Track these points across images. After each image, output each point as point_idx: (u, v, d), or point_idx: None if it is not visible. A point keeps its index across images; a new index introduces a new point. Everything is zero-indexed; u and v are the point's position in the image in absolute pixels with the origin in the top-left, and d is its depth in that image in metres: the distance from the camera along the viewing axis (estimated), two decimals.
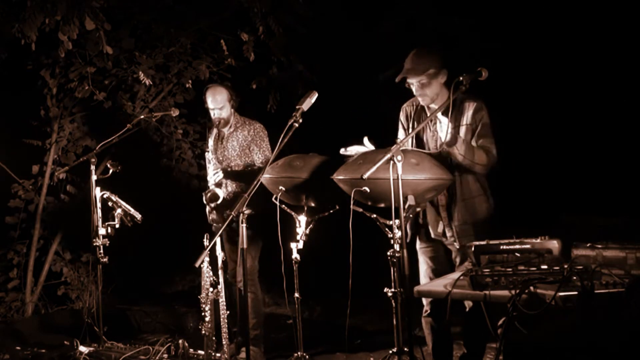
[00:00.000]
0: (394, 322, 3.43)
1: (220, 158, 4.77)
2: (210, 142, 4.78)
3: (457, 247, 3.68)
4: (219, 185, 4.64)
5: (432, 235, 3.79)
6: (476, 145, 3.62)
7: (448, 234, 3.71)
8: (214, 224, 4.71)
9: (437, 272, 3.75)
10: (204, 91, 4.78)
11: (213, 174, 4.69)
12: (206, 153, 4.89)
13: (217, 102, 4.67)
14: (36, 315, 5.79)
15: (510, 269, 2.85)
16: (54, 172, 5.82)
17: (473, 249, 3.03)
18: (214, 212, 4.65)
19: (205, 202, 4.60)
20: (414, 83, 3.68)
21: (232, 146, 4.74)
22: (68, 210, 5.94)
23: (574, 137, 5.41)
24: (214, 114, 4.70)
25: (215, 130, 4.78)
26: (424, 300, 3.85)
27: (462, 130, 3.64)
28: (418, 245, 3.88)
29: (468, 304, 3.74)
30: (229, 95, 4.71)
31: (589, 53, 5.30)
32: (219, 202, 4.52)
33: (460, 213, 3.67)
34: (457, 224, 3.67)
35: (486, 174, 3.71)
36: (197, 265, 3.49)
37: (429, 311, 3.83)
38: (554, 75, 5.44)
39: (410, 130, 3.85)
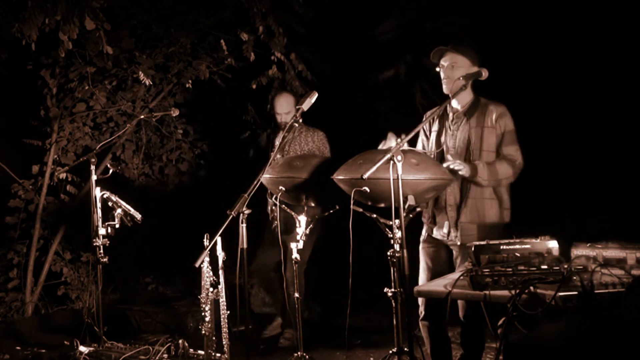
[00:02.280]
0: (394, 322, 3.43)
1: None
2: (277, 143, 5.00)
3: (458, 243, 3.68)
4: None
5: (436, 236, 3.79)
6: (501, 154, 3.67)
7: (453, 234, 3.71)
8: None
9: (436, 273, 3.75)
10: (273, 96, 5.12)
11: None
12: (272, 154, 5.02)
13: (284, 108, 5.00)
14: (36, 315, 5.78)
15: (510, 269, 2.85)
16: (54, 172, 5.81)
17: (473, 249, 3.03)
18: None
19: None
20: (445, 65, 3.70)
21: (294, 151, 4.94)
22: (68, 210, 5.94)
23: (574, 137, 5.42)
24: (280, 118, 5.01)
25: (280, 134, 5.03)
26: (419, 303, 3.84)
27: (486, 132, 3.67)
28: (421, 244, 3.89)
29: (462, 305, 3.75)
30: (295, 102, 4.99)
31: (589, 53, 5.30)
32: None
33: (467, 211, 3.69)
34: (463, 222, 3.68)
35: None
36: (197, 265, 3.50)
37: (423, 313, 3.84)
38: (554, 76, 5.44)
39: (429, 133, 3.88)
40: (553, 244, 3.00)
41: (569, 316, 2.56)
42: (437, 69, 3.77)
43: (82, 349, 4.31)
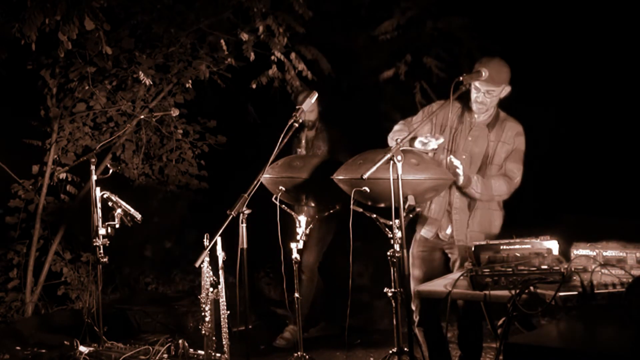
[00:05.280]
0: (394, 322, 3.43)
1: None
2: (303, 142, 5.10)
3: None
4: None
5: (440, 236, 3.77)
6: (503, 167, 3.67)
7: (457, 237, 3.69)
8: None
9: (428, 277, 3.72)
10: (296, 94, 5.21)
11: None
12: (298, 150, 5.16)
13: (307, 106, 5.03)
14: (36, 315, 5.78)
15: (510, 269, 2.85)
16: (54, 172, 5.81)
17: (473, 249, 3.04)
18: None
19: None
20: (481, 89, 3.60)
21: (318, 146, 5.07)
22: (68, 210, 5.94)
23: (574, 137, 5.42)
24: (304, 116, 5.10)
25: (304, 131, 5.12)
26: (413, 308, 3.82)
27: (500, 147, 3.68)
28: (414, 248, 3.87)
29: (460, 304, 3.74)
30: (317, 101, 5.07)
31: (590, 53, 5.30)
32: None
33: (477, 221, 3.69)
34: (474, 231, 3.68)
35: None
36: (197, 265, 3.50)
37: (418, 318, 3.82)
38: (553, 76, 5.44)
39: (440, 126, 3.80)
40: (553, 244, 3.01)
41: (569, 316, 2.56)
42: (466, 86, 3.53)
43: (82, 349, 4.31)
